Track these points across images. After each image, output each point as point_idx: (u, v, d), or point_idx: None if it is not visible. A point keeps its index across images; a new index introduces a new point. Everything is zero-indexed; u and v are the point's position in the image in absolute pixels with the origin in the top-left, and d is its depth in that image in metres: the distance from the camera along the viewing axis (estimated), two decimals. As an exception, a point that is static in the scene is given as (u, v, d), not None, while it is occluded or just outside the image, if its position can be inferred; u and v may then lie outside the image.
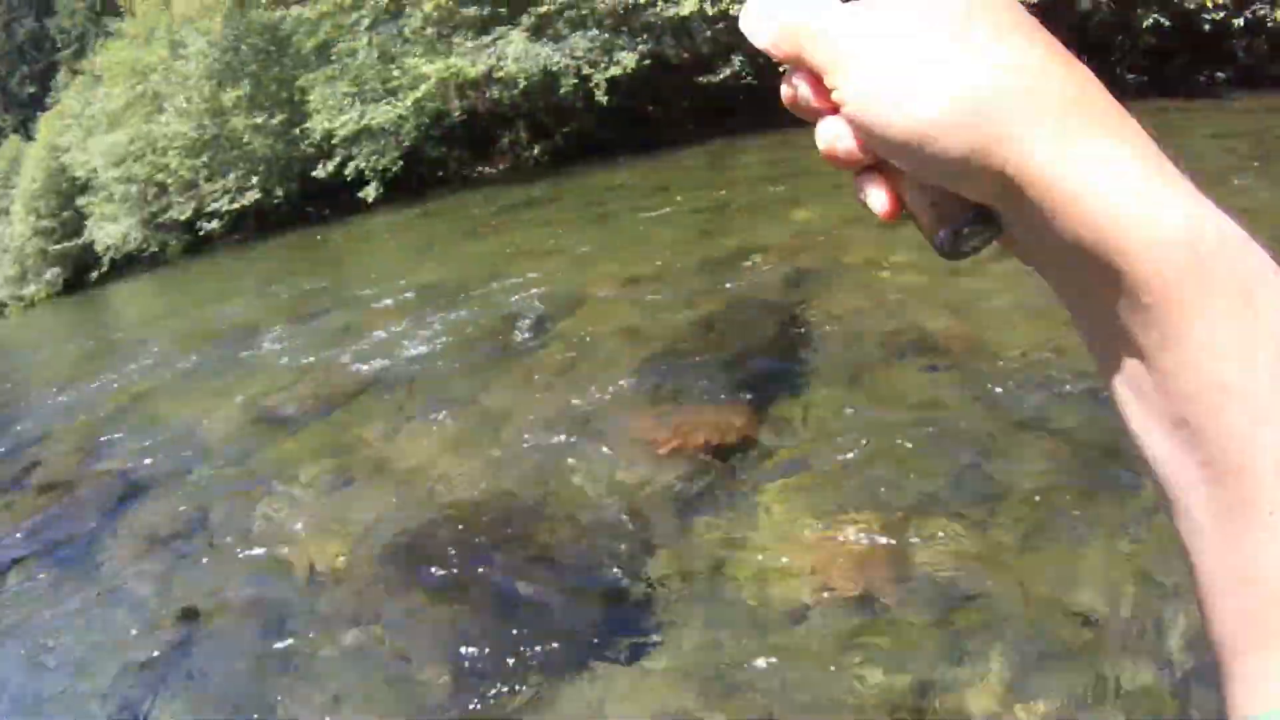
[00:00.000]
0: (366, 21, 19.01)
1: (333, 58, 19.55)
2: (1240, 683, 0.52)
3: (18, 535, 6.86)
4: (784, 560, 4.23)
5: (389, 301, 10.53)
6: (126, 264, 27.73)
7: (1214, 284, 0.52)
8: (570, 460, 5.64)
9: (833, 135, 0.60)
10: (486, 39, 17.22)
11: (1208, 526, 0.53)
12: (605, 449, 5.70)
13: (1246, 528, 0.51)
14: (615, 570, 4.47)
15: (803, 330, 6.96)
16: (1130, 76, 15.19)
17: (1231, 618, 0.53)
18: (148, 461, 7.57)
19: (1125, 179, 0.52)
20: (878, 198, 0.60)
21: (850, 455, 5.02)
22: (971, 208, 0.58)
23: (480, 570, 4.79)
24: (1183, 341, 0.52)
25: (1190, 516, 0.54)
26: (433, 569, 4.93)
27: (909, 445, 5.03)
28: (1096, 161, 0.52)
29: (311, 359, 9.13)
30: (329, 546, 5.32)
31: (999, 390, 5.43)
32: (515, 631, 4.22)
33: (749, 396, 6.00)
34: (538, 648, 4.06)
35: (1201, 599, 0.55)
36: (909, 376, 5.83)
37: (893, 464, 4.86)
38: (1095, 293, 0.55)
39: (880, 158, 0.60)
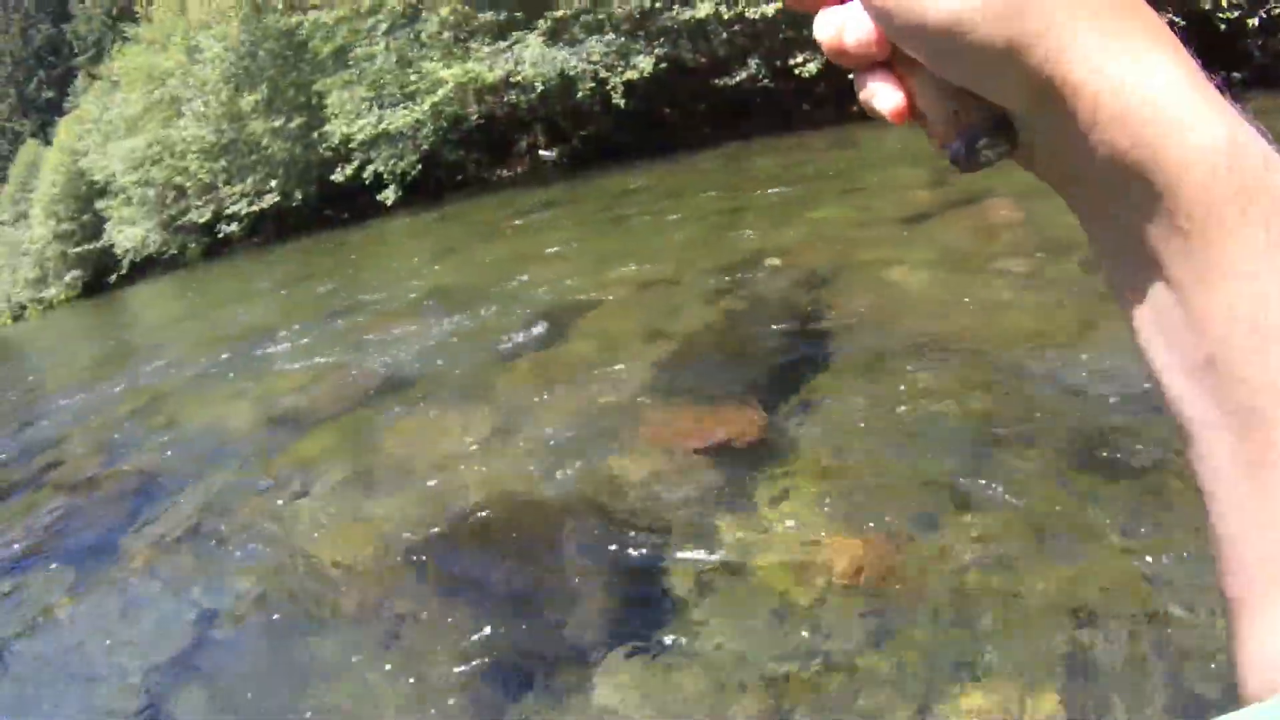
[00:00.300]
0: (384, 26, 19.06)
1: (350, 62, 19.61)
2: (1256, 632, 0.50)
3: (39, 533, 6.92)
4: (801, 557, 4.23)
5: (406, 303, 10.57)
6: (146, 266, 27.89)
7: (1259, 211, 0.48)
8: (588, 458, 5.65)
9: (840, 25, 0.57)
10: (503, 44, 17.26)
11: (1232, 472, 0.50)
12: (623, 447, 5.71)
13: (1275, 476, 0.48)
14: (634, 568, 4.48)
15: (818, 330, 6.97)
16: None
17: (1253, 565, 0.50)
18: (166, 461, 7.63)
19: (1172, 88, 0.49)
20: (888, 95, 0.57)
21: (867, 452, 5.03)
22: (992, 116, 0.55)
23: (500, 568, 4.81)
24: (1221, 274, 0.49)
25: (1213, 460, 0.51)
26: (452, 568, 4.96)
27: (926, 442, 5.03)
28: (1142, 67, 0.49)
29: (329, 360, 9.17)
30: (348, 546, 5.34)
31: (1013, 387, 5.43)
32: (534, 629, 4.24)
33: (765, 395, 6.00)
34: (556, 646, 4.07)
35: (1219, 545, 0.52)
36: (925, 375, 5.82)
37: (910, 461, 4.87)
38: (1125, 216, 0.52)
39: (894, 53, 0.57)
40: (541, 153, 18.21)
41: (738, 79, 16.25)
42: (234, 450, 7.46)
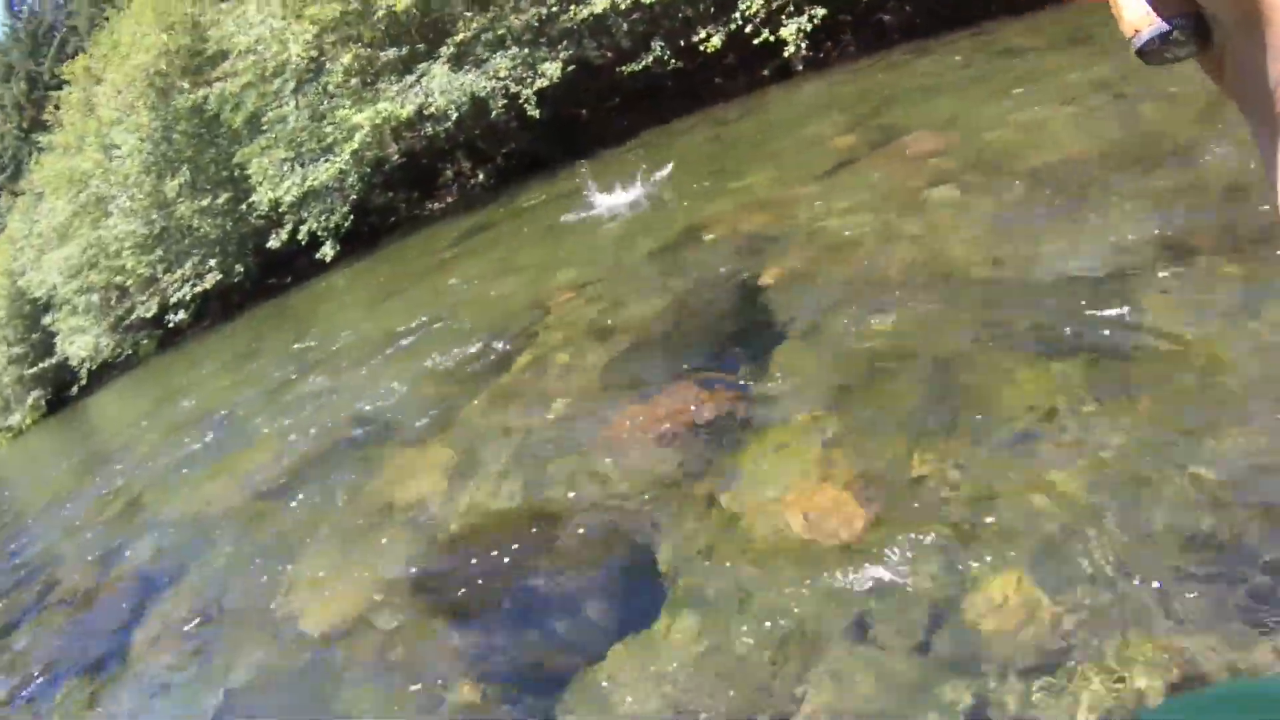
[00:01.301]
0: (291, 85, 19.03)
1: (264, 127, 19.57)
2: None
3: (52, 652, 6.99)
4: (781, 523, 4.28)
5: (358, 353, 10.61)
6: (103, 373, 27.73)
7: None
8: (562, 464, 5.71)
9: None
10: (410, 78, 17.26)
11: None
12: (593, 447, 5.77)
13: None
14: (621, 562, 4.55)
15: (764, 294, 7.02)
16: None
17: None
18: (157, 559, 7.66)
19: None
20: None
21: (831, 406, 5.08)
22: (1191, 14, 0.54)
23: (492, 588, 4.88)
24: None
25: None
26: (446, 596, 5.02)
27: (886, 384, 5.09)
28: None
29: (292, 423, 9.20)
30: (343, 601, 5.40)
31: (966, 313, 5.48)
32: (537, 637, 4.33)
33: (723, 368, 6.07)
34: (561, 650, 4.15)
35: None
36: (875, 317, 5.87)
37: (874, 405, 4.92)
38: None
39: None
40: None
41: (644, 63, 16.29)
42: (219, 533, 7.48)
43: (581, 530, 4.95)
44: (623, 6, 15.90)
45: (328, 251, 17.34)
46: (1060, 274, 5.41)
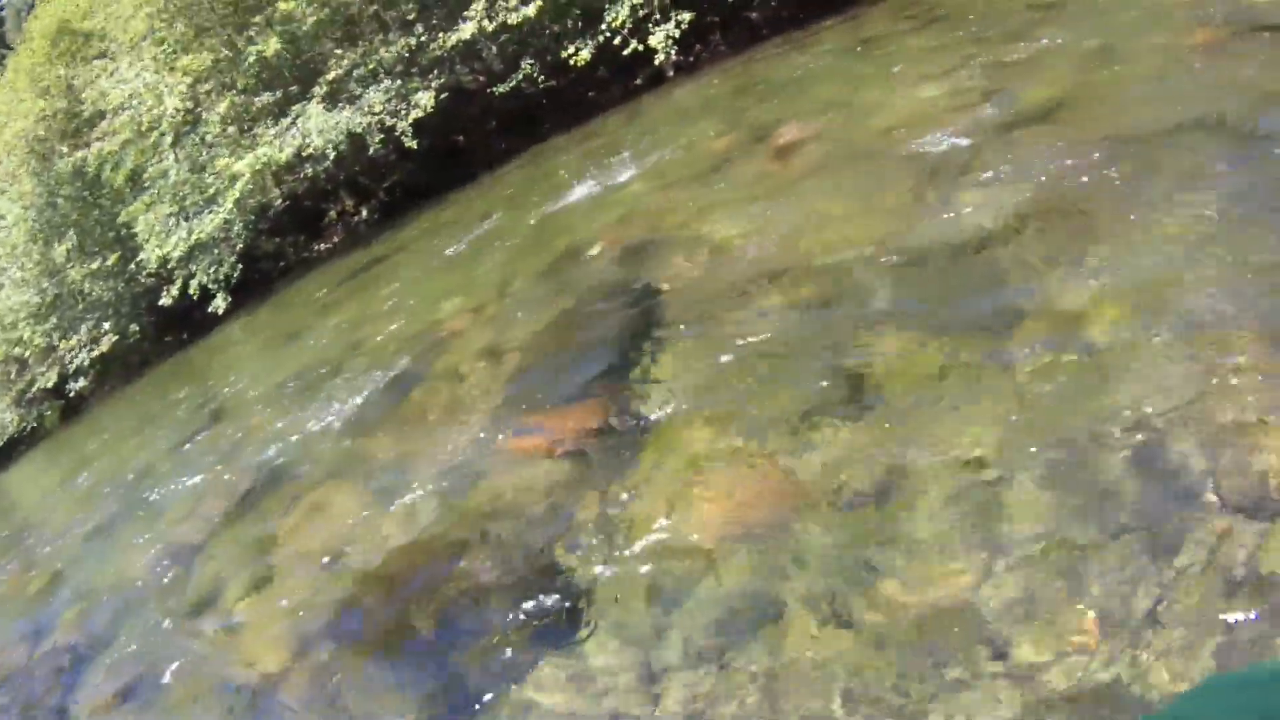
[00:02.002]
0: (169, 139, 18.87)
1: (146, 184, 19.38)
2: None
3: (-13, 737, 6.97)
4: (688, 526, 4.46)
5: (264, 400, 10.61)
6: (11, 449, 27.16)
7: None
8: (469, 489, 5.86)
9: None
10: (286, 120, 17.24)
11: None
12: (497, 470, 5.92)
13: None
14: (538, 581, 4.65)
15: (650, 301, 7.23)
16: None
17: None
18: (86, 631, 7.62)
19: None
20: None
21: (721, 398, 5.32)
22: None
23: (417, 619, 4.98)
24: None
25: None
26: (372, 633, 5.17)
27: (771, 370, 5.35)
28: None
29: (206, 478, 9.22)
30: (272, 649, 5.50)
31: (849, 290, 5.78)
32: (460, 665, 4.45)
33: (618, 379, 6.25)
34: (481, 675, 4.27)
35: None
36: (760, 312, 6.11)
37: (761, 393, 5.16)
38: None
39: None
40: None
41: (513, 82, 16.41)
42: (143, 597, 7.50)
43: (495, 554, 5.08)
44: (491, 29, 16.05)
45: (219, 304, 17.22)
46: (935, 250, 5.68)
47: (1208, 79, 6.50)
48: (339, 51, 17.64)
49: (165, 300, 19.07)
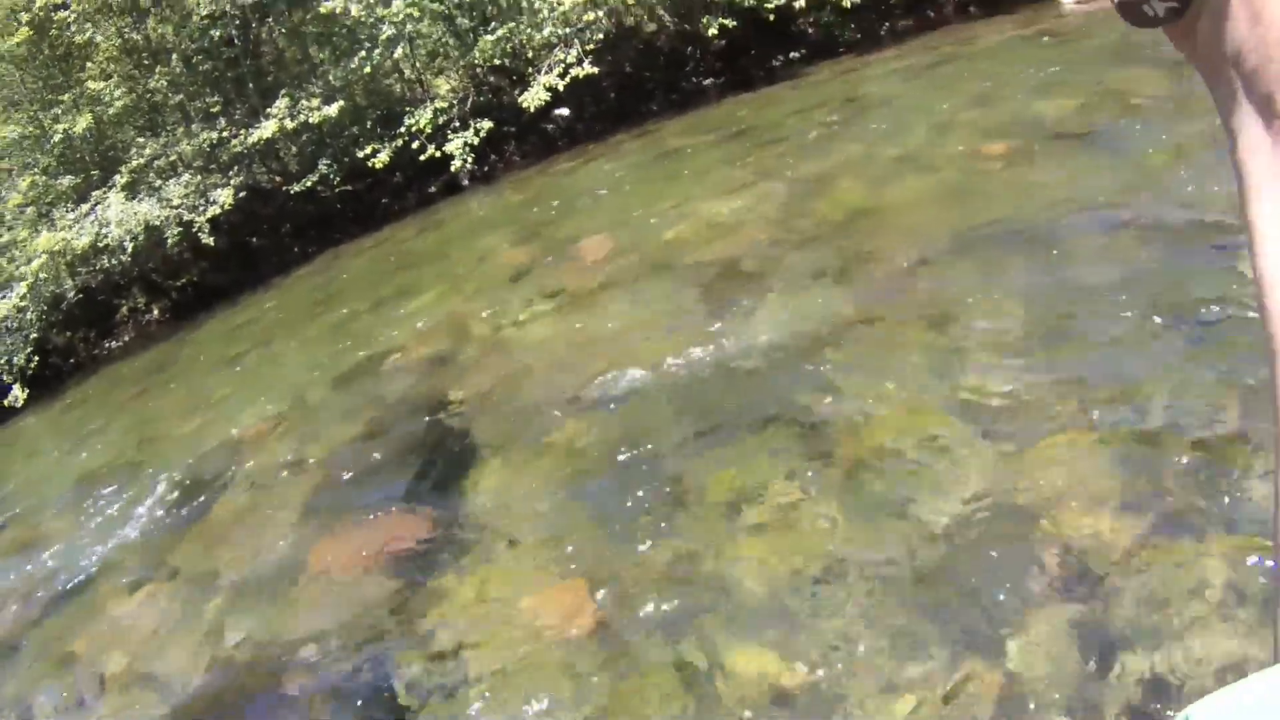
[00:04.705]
0: (-36, 215, 18.32)
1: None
2: None
3: None
4: (510, 635, 4.62)
5: (59, 503, 10.19)
6: None
7: None
8: (278, 605, 5.84)
9: None
10: (85, 205, 16.98)
11: None
12: (305, 586, 5.93)
13: None
14: (358, 708, 4.71)
15: (453, 412, 7.42)
16: (707, 81, 16.41)
17: None
18: None
19: None
20: None
21: (536, 516, 5.52)
22: None
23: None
24: None
25: None
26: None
27: (580, 480, 5.64)
28: None
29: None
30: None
31: (659, 408, 6.09)
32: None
33: (423, 492, 6.41)
34: None
35: None
36: (565, 424, 6.38)
37: (578, 510, 5.41)
38: (1273, 114, 0.51)
39: None
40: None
41: (309, 182, 16.46)
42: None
43: (313, 678, 5.04)
44: (292, 128, 16.23)
45: (19, 395, 16.70)
46: (739, 357, 6.11)
47: (1005, 186, 7.22)
48: (140, 140, 17.54)
49: (-41, 388, 18.28)
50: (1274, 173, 0.52)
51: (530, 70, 15.63)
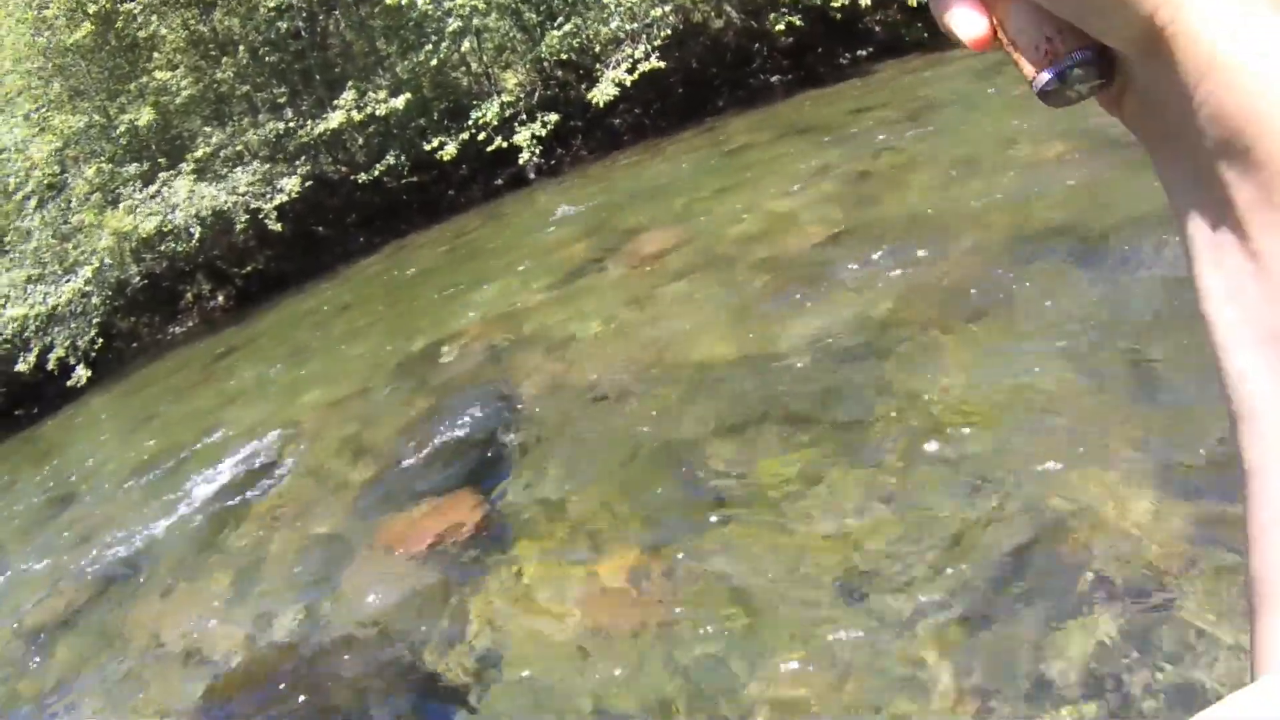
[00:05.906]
0: (34, 201, 18.62)
1: (6, 248, 19.06)
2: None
3: None
4: (561, 623, 4.62)
5: (118, 484, 10.36)
6: None
7: None
8: (332, 588, 5.88)
9: None
10: (153, 187, 17.11)
11: None
12: (360, 569, 5.98)
13: None
14: (409, 686, 4.72)
15: (510, 402, 7.42)
16: (774, 78, 16.32)
17: None
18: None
19: None
20: (971, 21, 0.53)
21: (585, 496, 5.56)
22: (1088, 48, 0.52)
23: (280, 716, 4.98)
24: None
25: (1267, 441, 0.48)
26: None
27: (634, 471, 5.62)
28: (1261, 25, 0.45)
29: (57, 563, 8.93)
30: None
31: (708, 400, 6.06)
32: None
33: (480, 477, 6.42)
34: None
35: (1255, 535, 0.49)
36: (620, 414, 6.39)
37: (632, 499, 5.38)
38: (1215, 179, 0.48)
39: None
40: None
41: (376, 172, 16.58)
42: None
43: (364, 657, 5.08)
44: (359, 119, 16.36)
45: (81, 375, 16.89)
46: (795, 353, 6.05)
47: (1064, 189, 7.10)
48: (207, 129, 17.73)
49: (22, 366, 18.61)
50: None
51: (598, 66, 15.62)
